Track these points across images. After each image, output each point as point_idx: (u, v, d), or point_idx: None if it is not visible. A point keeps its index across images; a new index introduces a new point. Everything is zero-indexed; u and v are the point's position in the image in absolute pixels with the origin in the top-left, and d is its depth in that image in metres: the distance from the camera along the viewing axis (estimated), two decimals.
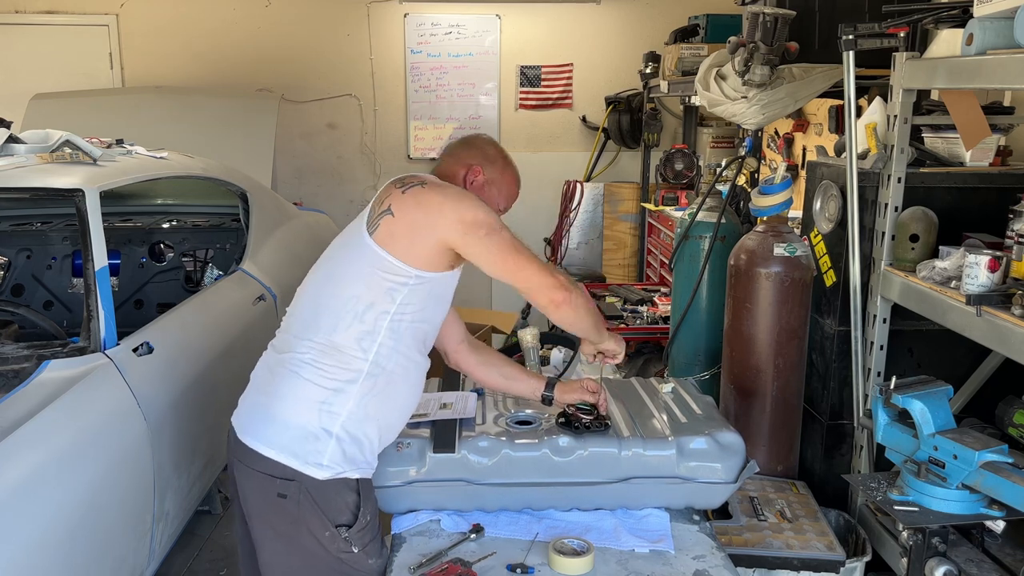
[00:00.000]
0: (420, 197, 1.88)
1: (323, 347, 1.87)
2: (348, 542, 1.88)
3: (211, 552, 3.29)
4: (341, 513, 1.88)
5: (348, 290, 1.87)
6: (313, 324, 1.90)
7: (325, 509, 1.86)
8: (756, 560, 2.33)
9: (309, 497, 1.85)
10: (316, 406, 1.85)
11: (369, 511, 1.92)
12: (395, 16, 6.29)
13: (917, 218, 2.46)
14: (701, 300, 3.33)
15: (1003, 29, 2.04)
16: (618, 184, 6.16)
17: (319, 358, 1.87)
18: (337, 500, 1.88)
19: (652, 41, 5.74)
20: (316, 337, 1.88)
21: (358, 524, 1.89)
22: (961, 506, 2.08)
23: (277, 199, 4.42)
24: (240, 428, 1.94)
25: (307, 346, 1.89)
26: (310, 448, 1.85)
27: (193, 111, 5.23)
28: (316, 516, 1.86)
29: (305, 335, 1.90)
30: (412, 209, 1.86)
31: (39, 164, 2.75)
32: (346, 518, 1.88)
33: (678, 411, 2.28)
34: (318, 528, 1.87)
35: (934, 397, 2.15)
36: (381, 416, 1.92)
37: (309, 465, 1.84)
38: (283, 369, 1.90)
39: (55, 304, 3.94)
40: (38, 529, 1.91)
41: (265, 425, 1.89)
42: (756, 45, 3.05)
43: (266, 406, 1.91)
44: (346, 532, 1.88)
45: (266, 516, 1.91)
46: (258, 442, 1.88)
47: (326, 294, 1.91)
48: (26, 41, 6.12)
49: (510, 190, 2.11)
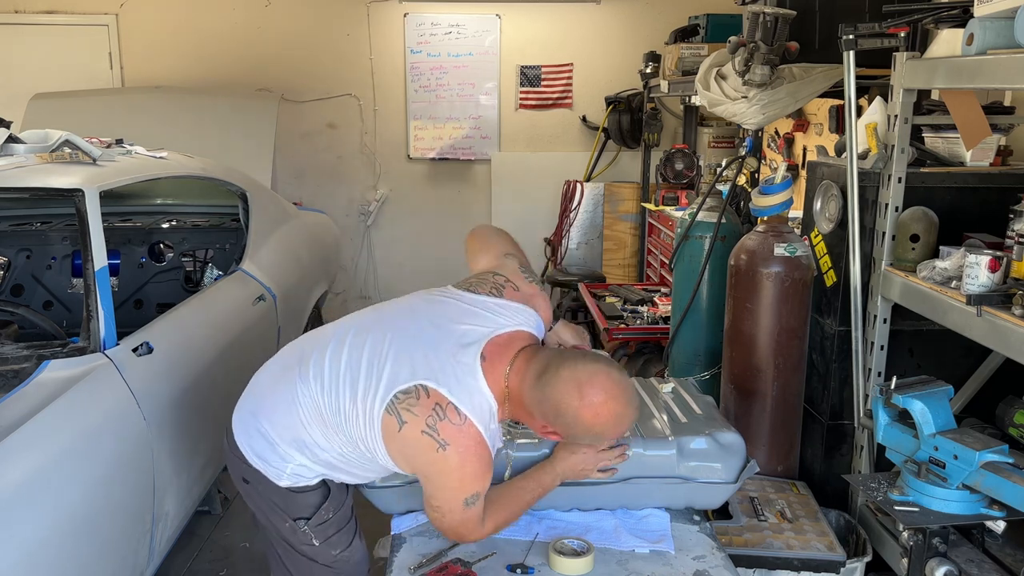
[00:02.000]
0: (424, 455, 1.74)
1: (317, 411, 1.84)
2: (308, 535, 1.94)
3: (211, 552, 3.29)
4: (300, 509, 1.94)
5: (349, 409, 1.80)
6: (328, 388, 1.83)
7: (282, 504, 1.94)
8: (756, 560, 2.33)
9: (266, 492, 1.93)
10: (290, 440, 1.87)
11: (333, 508, 1.96)
12: (395, 16, 6.29)
13: (917, 218, 2.46)
14: (701, 300, 3.33)
15: (1003, 29, 2.04)
16: (618, 184, 6.15)
17: (314, 415, 1.84)
18: (298, 499, 1.94)
19: (652, 41, 5.74)
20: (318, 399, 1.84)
21: (316, 518, 1.94)
22: (961, 506, 2.08)
23: (277, 199, 4.42)
24: (237, 407, 2.01)
25: (310, 396, 1.85)
26: (275, 460, 1.90)
27: (193, 111, 5.23)
28: (273, 508, 1.95)
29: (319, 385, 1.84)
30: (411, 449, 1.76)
31: (39, 164, 2.75)
32: (304, 512, 1.94)
33: (678, 411, 2.28)
34: (277, 519, 1.96)
35: (934, 397, 2.14)
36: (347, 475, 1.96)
37: (270, 472, 1.91)
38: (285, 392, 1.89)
39: (55, 304, 3.93)
40: (38, 529, 1.91)
41: (249, 420, 1.94)
42: (756, 45, 3.05)
43: (258, 407, 1.94)
44: (304, 525, 1.94)
45: (242, 494, 2.02)
46: (239, 430, 1.96)
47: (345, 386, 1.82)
48: (26, 41, 6.12)
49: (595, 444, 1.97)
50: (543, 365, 1.76)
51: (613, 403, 1.71)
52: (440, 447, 1.71)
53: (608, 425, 1.74)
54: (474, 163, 6.53)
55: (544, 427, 1.80)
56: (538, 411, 1.76)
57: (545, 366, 1.75)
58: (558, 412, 1.72)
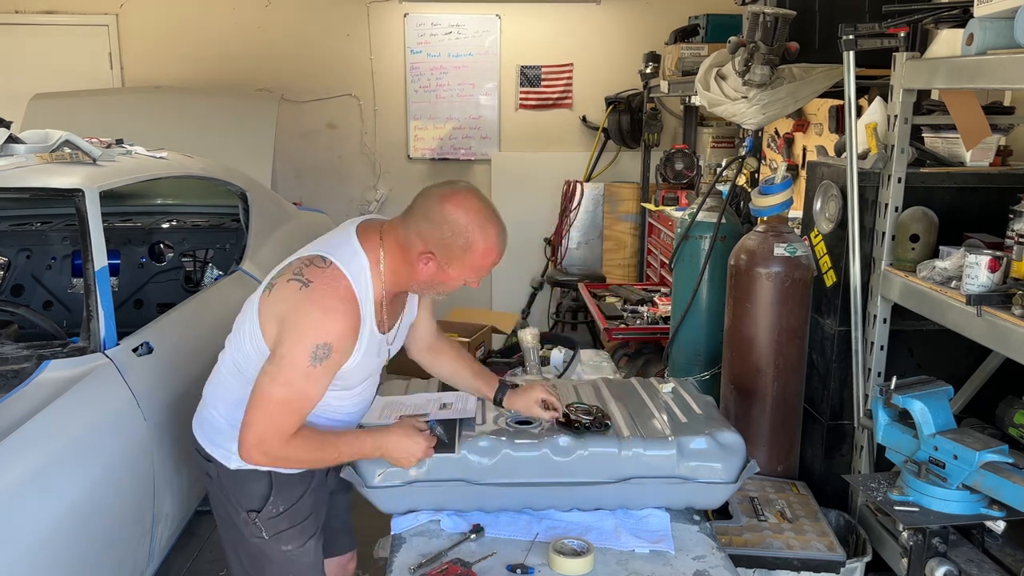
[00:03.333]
0: (287, 297, 1.81)
1: (234, 362, 1.95)
2: (258, 527, 2.00)
3: (211, 552, 3.29)
4: (250, 500, 1.99)
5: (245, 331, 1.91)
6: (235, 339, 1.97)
7: (236, 494, 1.99)
8: (756, 560, 2.33)
9: (223, 480, 2.00)
10: (224, 407, 1.97)
11: (281, 502, 2.00)
12: (395, 16, 6.29)
13: (917, 218, 2.46)
14: (701, 300, 3.33)
15: (1003, 29, 2.04)
16: (618, 184, 6.16)
17: (232, 370, 1.96)
18: (245, 488, 1.99)
19: (652, 41, 5.74)
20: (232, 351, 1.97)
21: (265, 512, 1.99)
22: (961, 506, 2.08)
23: (277, 199, 4.42)
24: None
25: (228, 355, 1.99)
26: (221, 439, 1.98)
27: (193, 111, 5.23)
28: (230, 499, 2.01)
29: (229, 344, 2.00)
30: (276, 302, 1.83)
31: (39, 164, 2.75)
32: (254, 504, 1.99)
33: (678, 411, 2.28)
34: (233, 511, 2.01)
35: (934, 397, 2.14)
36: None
37: (220, 454, 1.98)
38: (216, 367, 2.04)
39: (55, 304, 3.93)
40: (38, 529, 1.91)
41: (200, 411, 2.07)
42: (756, 45, 3.05)
43: (203, 395, 2.07)
44: (256, 517, 1.99)
45: (210, 495, 2.09)
46: (195, 424, 2.07)
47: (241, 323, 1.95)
48: (26, 41, 6.12)
49: (480, 263, 1.85)
50: (406, 210, 1.89)
51: (475, 199, 1.82)
52: (303, 285, 1.78)
53: (480, 223, 1.81)
54: (474, 163, 6.53)
55: (419, 256, 1.83)
56: (413, 237, 1.83)
57: (408, 208, 1.89)
58: (428, 220, 1.81)
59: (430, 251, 1.83)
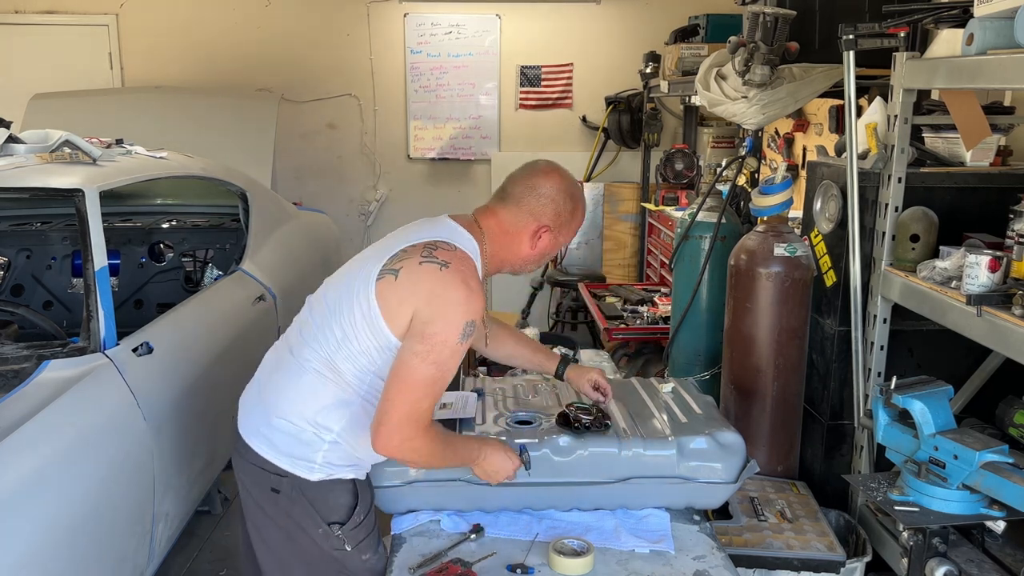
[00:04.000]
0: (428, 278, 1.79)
1: (324, 362, 1.86)
2: (341, 540, 1.91)
3: (211, 552, 3.29)
4: (334, 511, 1.91)
5: (347, 324, 1.84)
6: (320, 338, 1.88)
7: (317, 507, 1.89)
8: (756, 560, 2.33)
9: (301, 495, 1.88)
10: (310, 416, 1.86)
11: (364, 510, 1.94)
12: (395, 16, 6.29)
13: (917, 218, 2.46)
14: (701, 300, 3.33)
15: (1003, 29, 2.04)
16: (618, 184, 6.16)
17: (320, 369, 1.86)
18: (330, 499, 1.90)
19: (652, 41, 5.74)
20: (320, 351, 1.87)
21: (351, 522, 1.92)
22: (961, 506, 2.08)
23: (277, 199, 4.42)
24: (241, 421, 1.97)
25: (310, 355, 1.88)
26: (302, 451, 1.87)
27: (193, 111, 5.23)
28: (308, 513, 1.89)
29: (313, 344, 1.89)
30: (412, 284, 1.79)
31: (39, 164, 2.75)
32: (339, 516, 1.91)
33: (678, 411, 2.28)
34: (310, 525, 1.90)
35: (934, 397, 2.14)
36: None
37: (300, 467, 1.87)
38: (289, 370, 1.91)
39: (55, 304, 3.93)
40: (38, 530, 1.91)
41: (261, 422, 1.91)
42: (756, 45, 3.05)
43: (265, 404, 1.92)
44: (339, 530, 1.90)
45: (263, 508, 1.94)
46: (253, 438, 1.92)
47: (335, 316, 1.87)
48: (26, 41, 6.12)
49: (579, 222, 2.03)
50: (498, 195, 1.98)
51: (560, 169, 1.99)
52: (442, 266, 1.79)
53: (575, 187, 1.98)
54: (474, 163, 6.53)
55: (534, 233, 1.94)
56: (520, 214, 1.93)
57: (500, 192, 1.98)
58: (539, 197, 1.93)
59: (545, 225, 1.94)
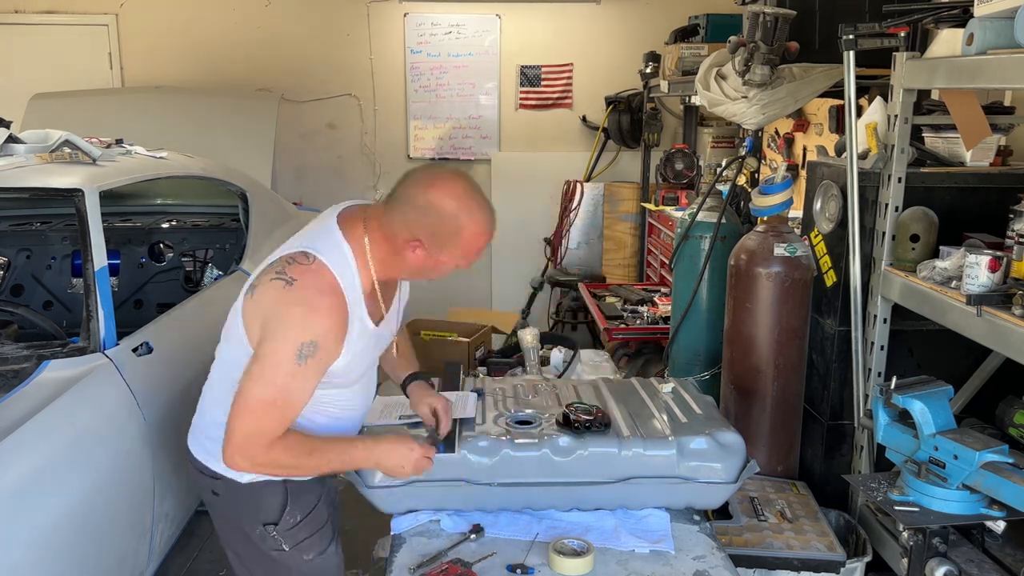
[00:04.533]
0: (270, 295, 1.76)
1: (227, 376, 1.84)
2: (277, 540, 1.93)
3: (211, 552, 3.29)
4: (266, 512, 1.93)
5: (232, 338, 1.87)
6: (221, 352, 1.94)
7: (251, 508, 1.93)
8: (756, 560, 2.33)
9: (235, 497, 1.92)
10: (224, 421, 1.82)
11: (299, 510, 1.94)
12: (395, 16, 6.29)
13: (917, 218, 2.46)
14: (701, 300, 3.33)
15: (1003, 29, 2.04)
16: (618, 184, 6.15)
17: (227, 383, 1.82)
18: (260, 500, 1.92)
19: (652, 41, 5.74)
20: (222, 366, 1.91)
21: (283, 523, 1.93)
22: (961, 506, 2.08)
23: (277, 199, 4.42)
24: (189, 434, 2.03)
25: (219, 369, 1.93)
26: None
27: (193, 111, 5.23)
28: (243, 514, 1.94)
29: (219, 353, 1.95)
30: (259, 302, 1.78)
31: (39, 164, 2.75)
32: (271, 517, 1.93)
33: (678, 411, 2.28)
34: (248, 525, 1.94)
35: (934, 397, 2.14)
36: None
37: (229, 470, 1.85)
38: (209, 384, 1.98)
39: (55, 304, 3.93)
40: (38, 529, 1.91)
41: (197, 428, 2.00)
42: (756, 45, 3.05)
43: (199, 411, 2.01)
44: (273, 531, 1.93)
45: (213, 511, 2.01)
46: (192, 444, 1.99)
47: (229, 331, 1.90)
48: (26, 41, 6.12)
49: (471, 247, 1.79)
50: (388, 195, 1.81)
51: (461, 183, 1.76)
52: (287, 284, 1.73)
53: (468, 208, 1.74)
54: (474, 163, 6.53)
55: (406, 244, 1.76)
56: (398, 225, 1.76)
57: (390, 194, 1.80)
58: (414, 207, 1.74)
59: (417, 239, 1.76)
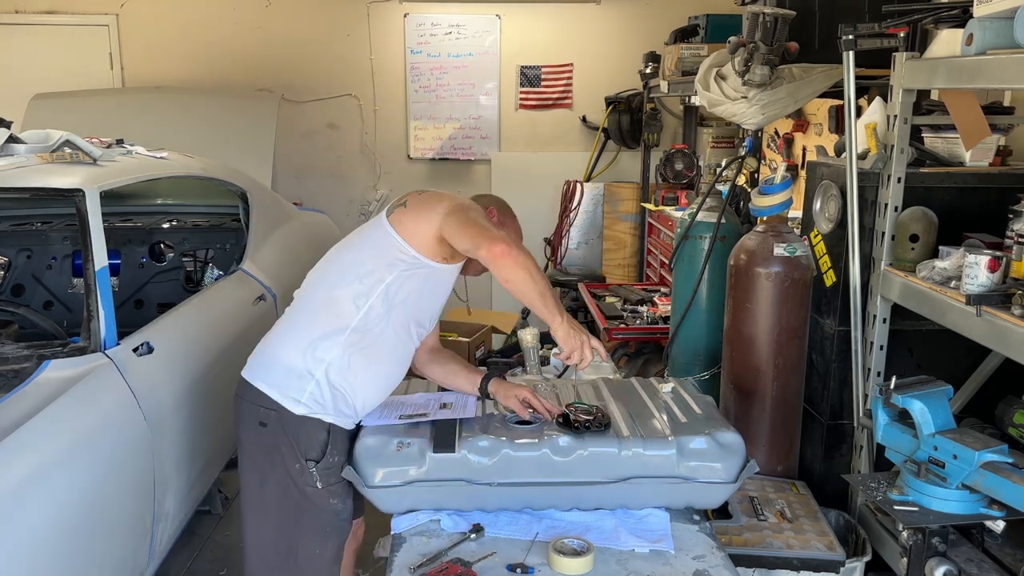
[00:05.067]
0: (429, 196, 2.16)
1: (323, 299, 2.13)
2: (313, 476, 2.08)
3: (211, 552, 3.29)
4: (310, 448, 2.08)
5: (356, 254, 2.15)
6: (321, 280, 2.18)
7: (297, 441, 2.07)
8: (756, 560, 2.33)
9: (283, 428, 2.07)
10: (304, 348, 2.08)
11: (337, 452, 2.10)
12: (395, 16, 6.29)
13: (917, 218, 2.46)
14: (701, 300, 3.33)
15: (1003, 29, 2.04)
16: (618, 184, 6.15)
17: (317, 307, 2.13)
18: (309, 435, 2.08)
19: (652, 41, 5.74)
20: (319, 291, 2.16)
21: (325, 461, 2.08)
22: (961, 506, 2.08)
23: (277, 199, 4.42)
24: (245, 369, 2.18)
25: (310, 295, 2.17)
26: (292, 384, 2.07)
27: (193, 111, 5.23)
28: (288, 446, 2.07)
29: (311, 287, 2.19)
30: (421, 203, 2.13)
31: (39, 164, 2.75)
32: (314, 453, 2.08)
33: (678, 411, 2.28)
34: (289, 458, 2.08)
35: (934, 397, 2.15)
36: (363, 373, 2.11)
37: (288, 399, 2.07)
38: (288, 316, 2.19)
39: (55, 304, 3.93)
40: (38, 529, 1.91)
41: (259, 360, 2.16)
42: (756, 45, 3.05)
43: (266, 344, 2.19)
44: (313, 467, 2.07)
45: (249, 445, 2.14)
46: (251, 375, 2.14)
47: (337, 257, 2.21)
48: (26, 41, 6.12)
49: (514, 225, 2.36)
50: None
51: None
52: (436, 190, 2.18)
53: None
54: (474, 163, 6.53)
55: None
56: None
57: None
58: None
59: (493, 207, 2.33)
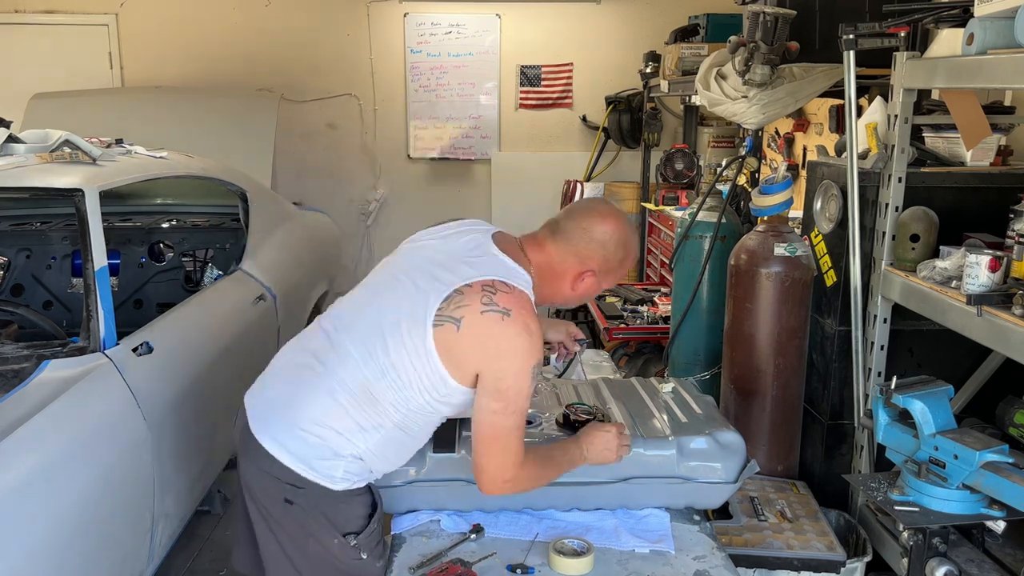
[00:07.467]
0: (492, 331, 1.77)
1: (363, 388, 1.83)
2: (357, 549, 1.88)
3: (211, 552, 3.29)
4: (351, 522, 1.88)
5: (395, 358, 1.81)
6: (360, 360, 1.84)
7: (334, 519, 1.86)
8: (756, 560, 2.33)
9: (317, 506, 1.85)
10: (341, 432, 1.83)
11: (378, 517, 1.93)
12: (395, 16, 6.29)
13: (918, 218, 2.46)
14: (701, 300, 3.33)
15: (1003, 29, 2.04)
16: (618, 184, 6.15)
17: (358, 394, 1.83)
18: (347, 510, 1.88)
19: (652, 41, 5.74)
20: (359, 374, 1.83)
21: (367, 531, 1.89)
22: (961, 506, 2.08)
23: (277, 199, 4.42)
24: (256, 423, 1.89)
25: (350, 376, 1.84)
26: (325, 464, 1.84)
27: (193, 111, 5.23)
28: (323, 525, 1.86)
29: (349, 364, 1.85)
30: (476, 337, 1.78)
31: (39, 164, 2.75)
32: (356, 526, 1.88)
33: (678, 411, 2.28)
34: (325, 537, 1.86)
35: (935, 397, 2.14)
36: (398, 457, 1.95)
37: (324, 477, 1.83)
38: (319, 383, 1.86)
39: (55, 304, 3.93)
40: (38, 530, 1.91)
41: (282, 429, 1.86)
42: (756, 45, 3.05)
43: (288, 409, 1.87)
44: (354, 540, 1.88)
45: (273, 518, 1.89)
46: (273, 443, 1.85)
47: (377, 346, 1.83)
48: (26, 41, 6.12)
49: (623, 273, 2.02)
50: (549, 227, 1.95)
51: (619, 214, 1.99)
52: (504, 315, 1.77)
53: (629, 235, 1.96)
54: (474, 163, 6.53)
55: (578, 275, 1.92)
56: (569, 255, 1.91)
57: (552, 225, 1.95)
58: (590, 241, 1.90)
59: (591, 269, 1.93)
